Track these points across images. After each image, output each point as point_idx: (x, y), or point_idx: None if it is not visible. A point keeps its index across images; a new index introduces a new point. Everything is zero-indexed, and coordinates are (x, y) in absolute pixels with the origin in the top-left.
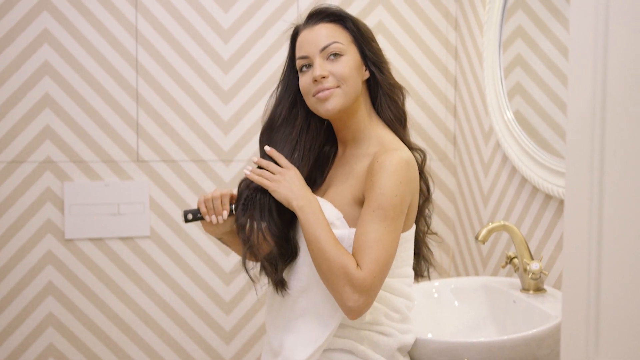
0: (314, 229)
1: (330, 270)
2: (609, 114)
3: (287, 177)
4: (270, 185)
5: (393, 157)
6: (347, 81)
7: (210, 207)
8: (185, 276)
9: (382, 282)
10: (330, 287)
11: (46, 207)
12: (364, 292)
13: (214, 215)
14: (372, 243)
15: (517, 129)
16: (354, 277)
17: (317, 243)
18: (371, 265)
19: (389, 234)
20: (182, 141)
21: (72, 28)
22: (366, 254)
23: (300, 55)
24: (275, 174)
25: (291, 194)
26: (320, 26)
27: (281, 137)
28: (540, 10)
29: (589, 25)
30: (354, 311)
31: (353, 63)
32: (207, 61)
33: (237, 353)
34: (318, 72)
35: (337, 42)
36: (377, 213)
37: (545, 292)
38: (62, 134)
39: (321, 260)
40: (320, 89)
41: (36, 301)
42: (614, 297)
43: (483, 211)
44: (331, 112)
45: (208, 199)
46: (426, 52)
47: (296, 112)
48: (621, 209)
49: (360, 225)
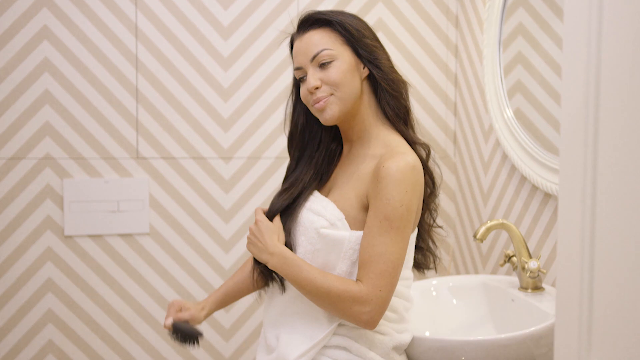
0: (298, 277)
1: (333, 301)
2: (601, 112)
3: (257, 236)
4: (247, 247)
5: (399, 162)
6: (340, 86)
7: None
8: (185, 273)
9: (392, 291)
10: (342, 314)
11: (46, 204)
12: (374, 305)
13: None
14: (378, 257)
15: (517, 127)
16: (358, 296)
17: (309, 286)
18: (376, 280)
19: (396, 244)
20: (182, 138)
21: (72, 25)
22: (372, 269)
23: (295, 67)
24: (250, 235)
25: (264, 254)
26: (309, 34)
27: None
28: (541, 8)
29: (583, 19)
30: (370, 323)
31: (346, 66)
32: (206, 58)
33: (236, 350)
34: (310, 84)
35: (326, 49)
36: (383, 224)
37: (544, 291)
38: (61, 131)
39: (321, 297)
40: (315, 100)
41: (35, 298)
42: (606, 296)
43: (483, 209)
44: (330, 121)
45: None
46: (426, 50)
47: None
48: (614, 209)
49: (367, 237)
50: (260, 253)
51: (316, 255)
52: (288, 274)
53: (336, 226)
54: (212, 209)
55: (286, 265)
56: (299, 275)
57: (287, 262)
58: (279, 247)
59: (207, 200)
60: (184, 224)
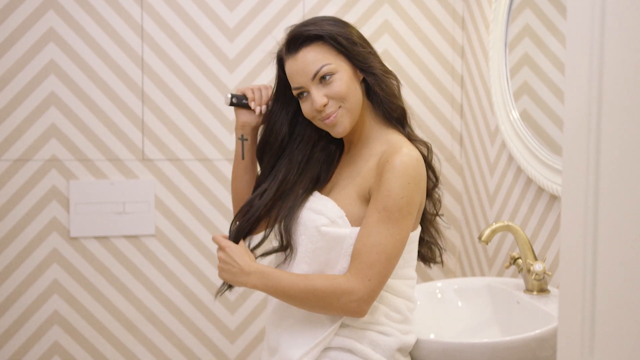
0: (280, 287)
1: (320, 297)
2: (604, 111)
3: (229, 262)
4: (220, 275)
5: (403, 156)
6: (346, 98)
7: (258, 96)
8: (190, 275)
9: (383, 283)
10: (331, 309)
11: (52, 205)
12: (361, 294)
13: (259, 105)
14: (371, 247)
15: (522, 128)
16: (344, 287)
17: (292, 291)
18: (366, 270)
19: (392, 236)
20: (188, 140)
21: (78, 27)
22: (363, 260)
23: (294, 87)
24: (221, 263)
25: (240, 277)
26: (303, 53)
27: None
28: (548, 9)
29: (586, 18)
30: (358, 312)
31: (346, 76)
32: (212, 60)
33: (242, 352)
34: (317, 103)
35: (325, 65)
36: (381, 215)
37: (549, 293)
38: (67, 133)
39: (308, 299)
40: (325, 116)
41: (41, 299)
42: (609, 298)
43: (489, 211)
44: (342, 134)
45: (256, 88)
46: (432, 51)
47: (300, 130)
48: (616, 210)
49: (364, 226)
50: (236, 277)
51: (317, 253)
52: (270, 287)
53: (337, 224)
54: (217, 210)
55: (266, 280)
56: (280, 284)
57: (265, 277)
58: (253, 265)
59: (212, 202)
60: (189, 226)
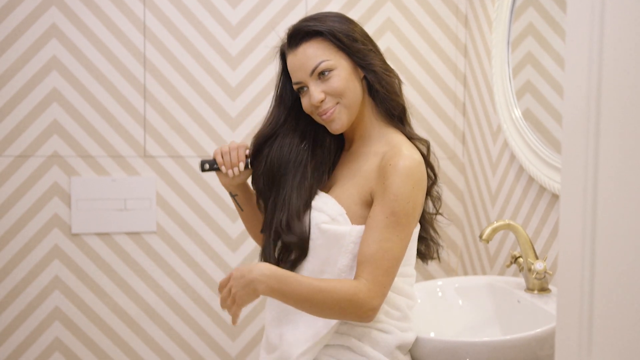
0: (296, 293)
1: (337, 304)
2: (603, 108)
3: (239, 280)
4: (232, 304)
5: (406, 160)
6: (344, 94)
7: (227, 160)
8: (191, 272)
9: (391, 283)
10: (346, 315)
11: (53, 202)
12: (378, 303)
13: (230, 168)
14: (383, 253)
15: (525, 127)
16: (361, 293)
17: (312, 295)
18: (382, 277)
19: (400, 241)
20: (189, 137)
21: (80, 23)
22: (377, 266)
23: (294, 82)
24: (231, 292)
25: (254, 293)
26: (303, 48)
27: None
28: (552, 8)
29: (585, 14)
30: (372, 318)
31: (345, 72)
32: (214, 57)
33: (243, 349)
34: (315, 98)
35: (323, 60)
36: (390, 220)
37: (550, 292)
38: (69, 129)
39: (327, 304)
40: (322, 112)
41: (42, 295)
42: (607, 298)
43: (491, 210)
44: (339, 130)
45: (225, 152)
46: (435, 49)
47: (299, 124)
48: (615, 209)
49: (372, 232)
50: (252, 293)
51: (317, 250)
52: (284, 291)
53: (337, 221)
54: (219, 207)
55: (276, 283)
56: (296, 288)
57: (275, 279)
58: (266, 268)
59: (214, 199)
60: (191, 223)
